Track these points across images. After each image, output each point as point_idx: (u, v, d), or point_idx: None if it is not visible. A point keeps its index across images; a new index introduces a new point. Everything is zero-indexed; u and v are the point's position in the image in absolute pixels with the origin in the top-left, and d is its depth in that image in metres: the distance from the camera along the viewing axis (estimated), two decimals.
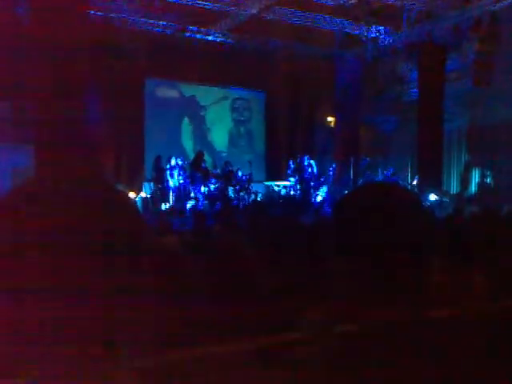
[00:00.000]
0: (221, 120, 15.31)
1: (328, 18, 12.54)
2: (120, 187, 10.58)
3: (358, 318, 0.99)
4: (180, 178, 11.74)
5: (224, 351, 0.94)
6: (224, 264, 1.59)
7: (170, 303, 1.17)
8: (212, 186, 11.91)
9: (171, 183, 11.69)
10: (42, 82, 7.59)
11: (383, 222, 1.01)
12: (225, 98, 15.31)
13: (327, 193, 12.84)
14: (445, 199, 12.32)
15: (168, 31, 12.59)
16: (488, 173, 13.36)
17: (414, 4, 11.89)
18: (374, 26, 12.73)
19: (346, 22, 12.52)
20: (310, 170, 13.04)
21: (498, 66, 11.75)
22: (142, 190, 12.05)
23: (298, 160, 13.17)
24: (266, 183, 14.29)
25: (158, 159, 12.06)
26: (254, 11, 11.62)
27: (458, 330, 1.07)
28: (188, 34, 12.79)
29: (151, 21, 12.28)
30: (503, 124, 12.42)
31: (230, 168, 12.45)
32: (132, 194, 11.25)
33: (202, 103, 15.02)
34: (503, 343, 1.09)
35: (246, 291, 1.47)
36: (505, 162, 12.55)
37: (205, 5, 11.67)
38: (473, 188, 13.80)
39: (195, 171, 11.91)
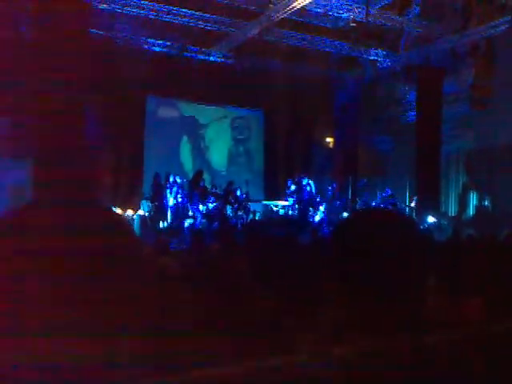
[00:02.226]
0: (220, 139, 15.38)
1: (327, 40, 12.72)
2: (118, 205, 10.59)
3: (354, 342, 0.99)
4: (178, 196, 11.73)
5: (220, 374, 0.93)
6: (221, 283, 1.59)
7: (167, 324, 1.16)
8: (210, 205, 11.90)
9: (169, 201, 11.67)
10: (43, 99, 7.64)
11: (381, 250, 1.01)
12: (224, 116, 15.41)
13: (325, 213, 12.84)
14: (443, 222, 12.32)
15: (169, 51, 12.74)
16: (485, 195, 13.40)
17: (412, 28, 12.08)
18: (372, 49, 12.91)
19: (345, 45, 12.69)
20: (308, 189, 13.05)
21: (495, 89, 11.88)
22: (140, 208, 12.03)
23: (297, 180, 13.19)
24: (265, 202, 14.28)
25: (157, 177, 12.07)
26: (255, 32, 11.79)
27: (456, 355, 1.06)
28: (189, 54, 12.95)
29: (153, 40, 12.45)
30: (501, 146, 12.49)
31: (232, 187, 12.43)
32: (130, 212, 11.23)
33: (202, 122, 15.11)
34: (498, 365, 1.08)
35: (243, 311, 1.46)
36: (502, 185, 12.59)
37: (206, 26, 11.84)
38: (470, 211, 13.81)
39: (194, 189, 11.91)
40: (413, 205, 13.08)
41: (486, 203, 13.34)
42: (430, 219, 12.00)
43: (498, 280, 2.00)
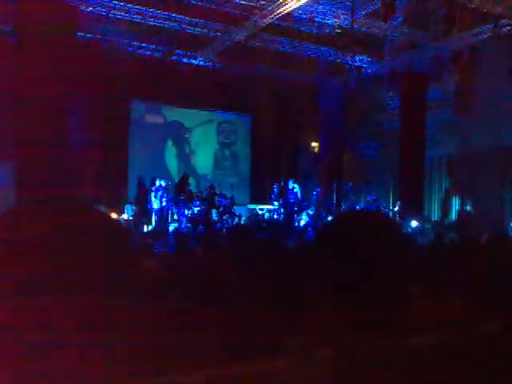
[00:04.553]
0: (206, 143, 15.37)
1: (313, 46, 12.81)
2: (101, 208, 10.48)
3: (337, 344, 1.00)
4: (163, 199, 11.68)
5: (203, 377, 0.93)
6: (205, 286, 1.59)
7: (149, 327, 1.16)
8: (195, 209, 11.87)
9: (154, 205, 11.62)
10: (27, 102, 7.56)
11: (364, 251, 1.02)
12: (210, 120, 15.41)
13: (310, 217, 12.89)
14: (426, 226, 12.46)
15: (155, 55, 12.71)
16: (468, 200, 13.59)
17: (396, 35, 12.23)
18: (357, 55, 13.03)
19: (330, 51, 12.79)
20: (293, 194, 13.10)
21: (478, 96, 12.08)
22: (124, 212, 11.94)
23: (282, 184, 13.23)
24: (250, 206, 14.28)
25: (141, 180, 12.00)
26: (241, 37, 11.82)
27: (437, 357, 1.08)
28: (175, 58, 12.93)
29: (139, 44, 12.40)
30: (483, 152, 12.69)
31: (214, 191, 12.44)
32: (114, 216, 11.14)
33: (187, 126, 15.08)
34: (481, 370, 1.09)
35: (227, 315, 1.46)
36: (484, 190, 12.78)
37: (192, 30, 11.84)
38: (453, 215, 13.99)
39: (179, 193, 11.87)
40: (396, 209, 13.21)
41: (468, 208, 13.53)
42: (414, 223, 12.13)
43: (479, 282, 2.03)
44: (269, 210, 13.30)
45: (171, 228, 11.22)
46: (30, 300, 0.67)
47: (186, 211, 11.74)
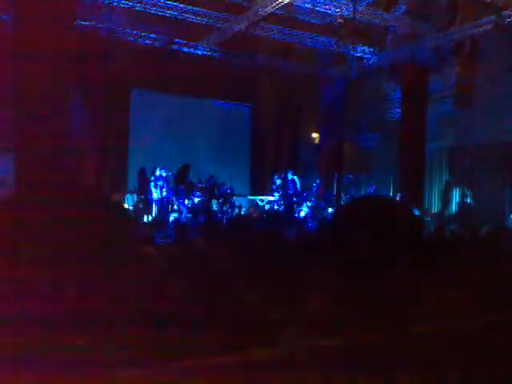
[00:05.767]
0: (206, 133, 15.32)
1: (314, 37, 12.74)
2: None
3: (337, 334, 1.00)
4: (164, 190, 11.68)
5: (198, 366, 0.93)
6: (205, 276, 1.59)
7: (146, 317, 1.16)
8: (196, 199, 11.88)
9: (155, 195, 11.62)
10: (28, 91, 7.53)
11: (382, 235, 1.02)
12: (211, 110, 15.35)
13: (310, 208, 12.91)
14: (426, 218, 12.47)
15: (156, 43, 12.64)
16: (468, 192, 13.59)
17: (398, 26, 12.15)
18: (359, 46, 12.96)
19: (332, 41, 12.72)
20: (293, 185, 13.11)
21: (478, 88, 12.03)
22: (124, 202, 11.94)
23: (283, 175, 13.23)
24: (250, 197, 14.29)
25: (142, 170, 11.99)
26: (242, 27, 11.75)
27: (438, 347, 1.08)
28: (175, 47, 12.86)
29: (139, 33, 12.33)
30: (483, 145, 12.67)
31: (214, 182, 12.46)
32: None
33: (188, 115, 15.03)
34: (479, 358, 1.10)
35: (226, 305, 1.47)
36: (484, 182, 12.78)
37: (193, 19, 11.77)
38: (453, 207, 14.00)
39: (180, 184, 11.87)
40: None
41: (468, 200, 13.53)
42: None
43: (479, 275, 2.03)
44: (269, 201, 13.31)
45: (171, 218, 11.24)
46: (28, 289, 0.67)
47: (187, 201, 11.75)
